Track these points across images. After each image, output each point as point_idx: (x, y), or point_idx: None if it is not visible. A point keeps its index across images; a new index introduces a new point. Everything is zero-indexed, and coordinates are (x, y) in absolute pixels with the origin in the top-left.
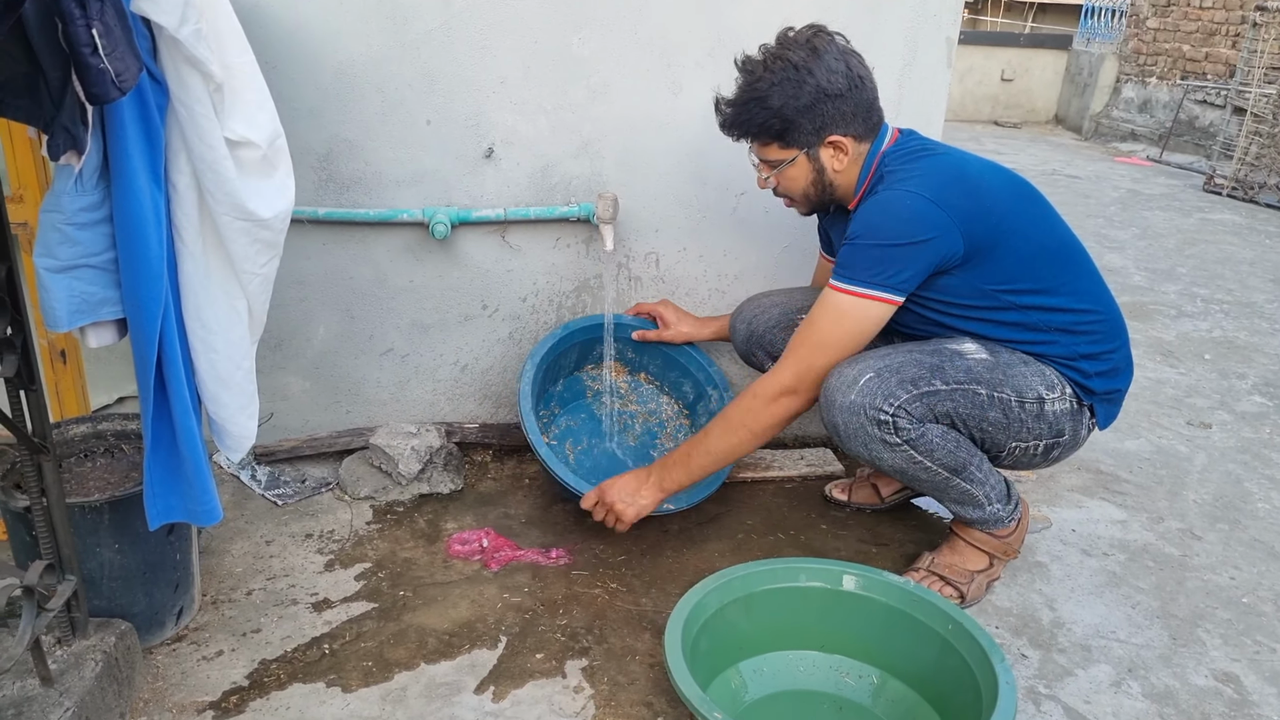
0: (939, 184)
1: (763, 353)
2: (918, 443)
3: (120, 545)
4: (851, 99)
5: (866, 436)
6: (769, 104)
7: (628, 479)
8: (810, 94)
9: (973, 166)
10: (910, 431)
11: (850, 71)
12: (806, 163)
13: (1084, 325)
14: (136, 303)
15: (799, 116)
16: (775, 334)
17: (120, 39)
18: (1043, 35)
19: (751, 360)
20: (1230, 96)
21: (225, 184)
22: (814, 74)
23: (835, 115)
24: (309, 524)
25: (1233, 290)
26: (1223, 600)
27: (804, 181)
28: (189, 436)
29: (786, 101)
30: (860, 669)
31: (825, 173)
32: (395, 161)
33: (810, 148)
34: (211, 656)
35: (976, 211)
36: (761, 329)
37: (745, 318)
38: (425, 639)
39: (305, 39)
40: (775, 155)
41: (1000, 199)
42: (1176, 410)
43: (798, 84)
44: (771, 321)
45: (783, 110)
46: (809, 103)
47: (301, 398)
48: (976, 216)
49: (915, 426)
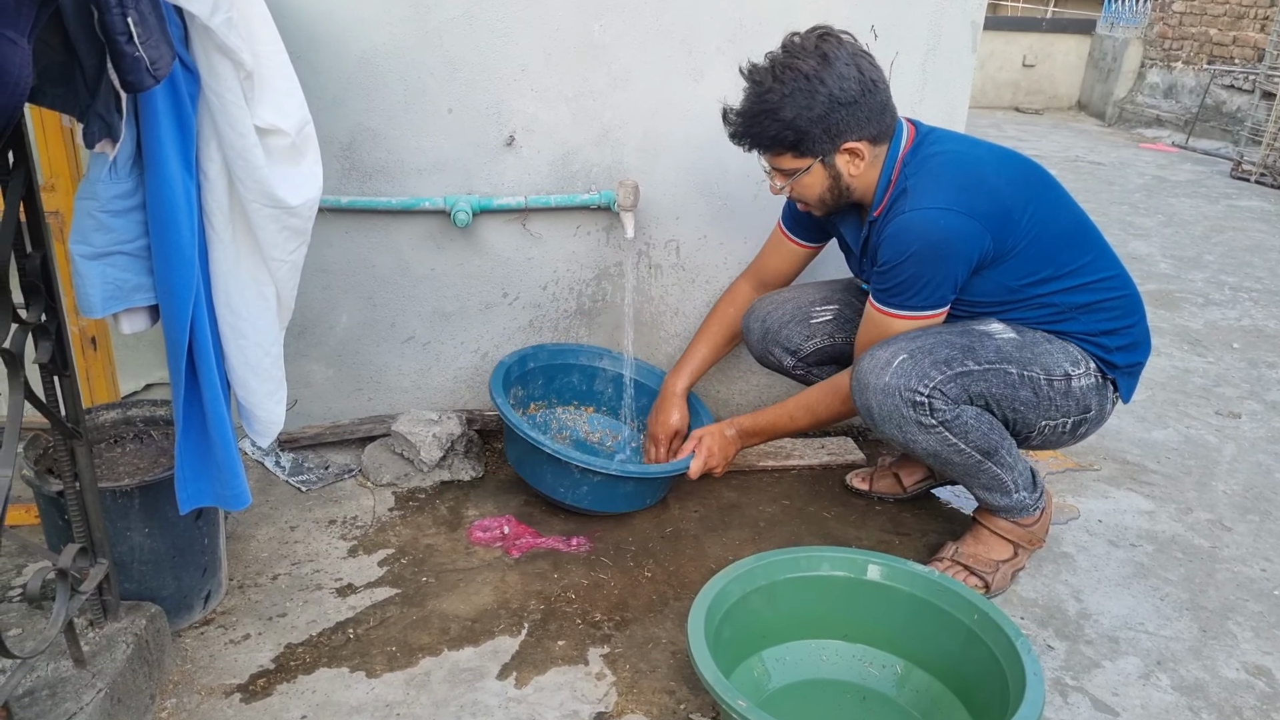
0: (964, 194)
1: (779, 349)
2: (953, 424)
3: (150, 529)
4: (865, 104)
5: (901, 419)
6: (781, 116)
7: (719, 438)
8: (823, 103)
9: (988, 166)
10: (945, 413)
11: (862, 76)
12: (822, 170)
13: (1104, 303)
14: (169, 289)
15: (813, 127)
16: (791, 329)
17: (154, 27)
18: (1065, 20)
19: (768, 359)
20: (1259, 81)
21: (255, 171)
22: (826, 83)
23: (850, 122)
24: (332, 510)
25: (1261, 278)
26: (1253, 592)
27: (820, 188)
28: (219, 422)
29: (800, 113)
30: (884, 659)
31: (842, 178)
32: (417, 150)
33: (825, 155)
34: (239, 640)
35: (1000, 213)
36: (776, 325)
37: (759, 316)
38: (448, 625)
39: (328, 28)
40: (790, 165)
41: (1018, 195)
42: (1205, 400)
43: (810, 94)
44: (786, 317)
45: (795, 121)
46: (822, 112)
47: (324, 385)
48: (1001, 219)
49: (950, 408)
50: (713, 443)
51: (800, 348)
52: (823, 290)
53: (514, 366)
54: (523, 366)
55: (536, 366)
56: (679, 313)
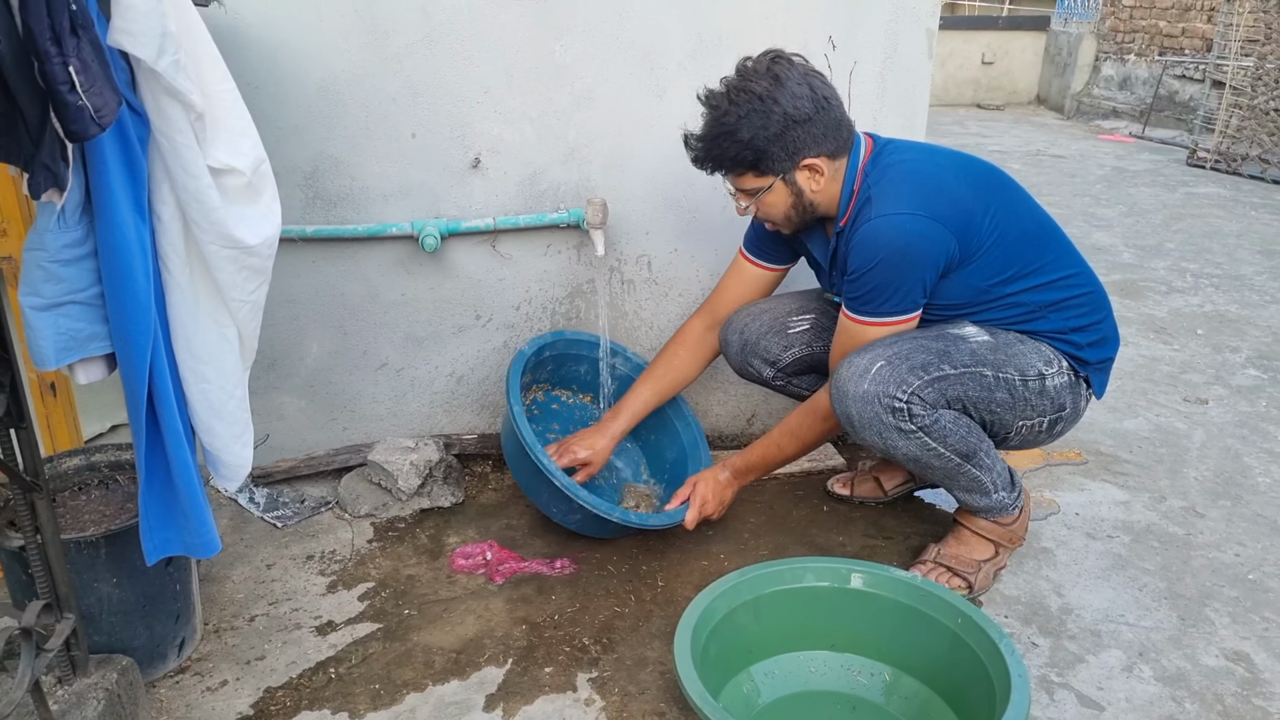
0: (927, 199)
1: (758, 360)
2: (931, 429)
3: (118, 579)
4: (819, 121)
5: (881, 425)
6: (739, 136)
7: (712, 484)
8: (779, 122)
9: (948, 172)
10: (924, 418)
11: (815, 94)
12: (784, 187)
13: (1070, 301)
14: (125, 337)
15: (770, 145)
16: (769, 339)
17: (98, 74)
18: (1021, 17)
19: (748, 371)
20: (1209, 70)
21: (210, 213)
22: (779, 102)
23: (806, 138)
24: (310, 545)
25: (1221, 264)
26: (1229, 578)
27: (784, 206)
28: (183, 469)
29: (756, 132)
30: (872, 667)
31: (804, 194)
32: (382, 176)
33: (786, 173)
34: (216, 687)
35: (962, 215)
36: (754, 336)
37: (736, 328)
38: (432, 658)
39: (286, 57)
40: (752, 184)
41: (979, 198)
42: (1173, 387)
43: (765, 114)
44: (764, 328)
45: (753, 141)
46: (778, 131)
47: (297, 417)
48: (964, 221)
49: (929, 413)
50: (706, 490)
51: (779, 358)
52: (798, 300)
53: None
54: (538, 356)
55: (551, 355)
56: (653, 327)
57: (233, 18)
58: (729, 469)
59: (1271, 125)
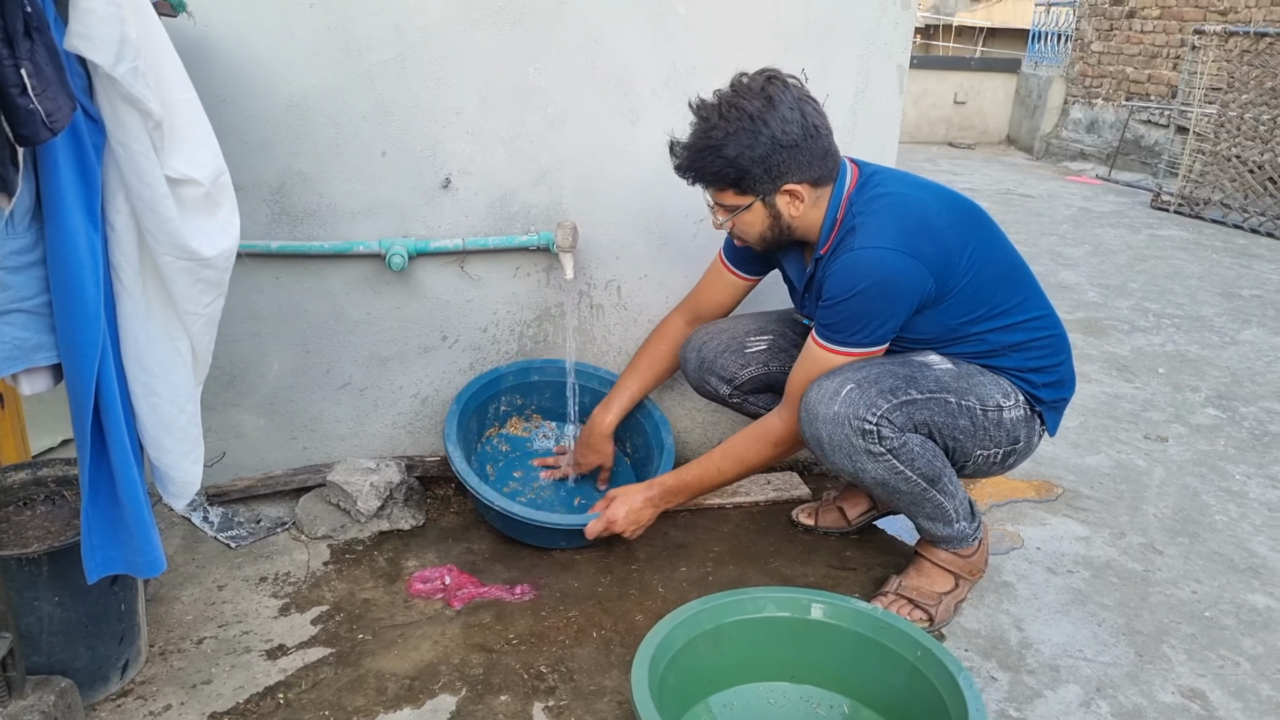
0: (910, 236)
1: (715, 378)
2: (900, 452)
3: (60, 598)
4: (806, 149)
5: (851, 447)
6: (724, 153)
7: (629, 503)
8: (765, 145)
9: (932, 208)
10: (893, 440)
11: (805, 121)
12: (763, 209)
13: (1033, 343)
14: (72, 347)
15: (754, 166)
16: (727, 358)
17: (51, 78)
18: (993, 59)
19: (705, 388)
20: (1173, 116)
21: (166, 223)
22: (769, 124)
23: (791, 165)
24: (264, 566)
25: (1183, 304)
26: (1186, 615)
27: (760, 226)
28: (129, 485)
29: (742, 151)
30: (831, 699)
31: (782, 218)
32: (350, 193)
33: (766, 195)
34: (159, 712)
35: (943, 255)
36: (712, 354)
37: (694, 346)
38: (385, 684)
39: (256, 71)
40: (731, 201)
41: (959, 236)
42: (1134, 424)
43: (753, 134)
44: (722, 346)
45: (738, 160)
46: (764, 153)
47: (256, 435)
48: (944, 260)
49: (897, 435)
50: (620, 508)
51: (735, 376)
52: (758, 320)
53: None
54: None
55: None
56: (621, 352)
57: (202, 29)
58: (658, 488)
59: (1233, 171)
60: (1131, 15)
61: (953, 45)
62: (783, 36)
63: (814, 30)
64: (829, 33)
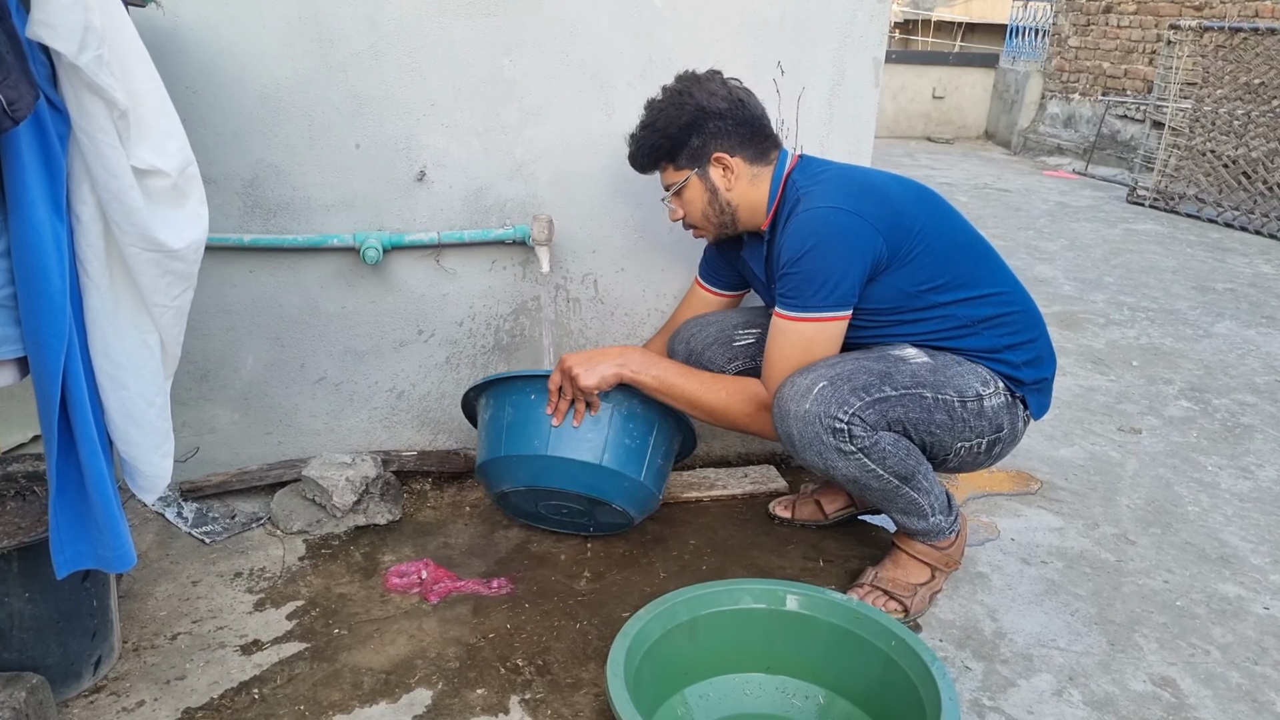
0: (853, 195)
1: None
2: (871, 450)
3: (31, 594)
4: (731, 116)
5: (822, 445)
6: (656, 127)
7: (591, 350)
8: (690, 112)
9: (876, 178)
10: (864, 439)
11: (731, 94)
12: (699, 183)
13: (1003, 318)
14: (38, 340)
15: (681, 134)
16: (714, 350)
17: (13, 66)
18: (971, 54)
19: None
20: (1149, 111)
21: (132, 214)
22: (694, 95)
23: (716, 131)
24: (238, 562)
25: (1157, 298)
26: (1158, 604)
27: (700, 203)
28: (98, 478)
29: (671, 121)
30: (806, 689)
31: (719, 193)
32: (324, 186)
33: (699, 166)
34: (132, 708)
35: (890, 216)
36: (700, 346)
37: (683, 338)
38: (361, 679)
39: (227, 62)
40: (670, 178)
41: (909, 204)
42: (1108, 416)
43: (679, 106)
44: (709, 339)
45: (667, 129)
46: (690, 120)
47: (230, 430)
48: (891, 220)
49: (869, 434)
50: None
51: (723, 369)
52: (746, 315)
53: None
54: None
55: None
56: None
57: (171, 20)
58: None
59: (1208, 166)
60: (1108, 10)
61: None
62: (758, 29)
63: (789, 23)
64: (804, 25)
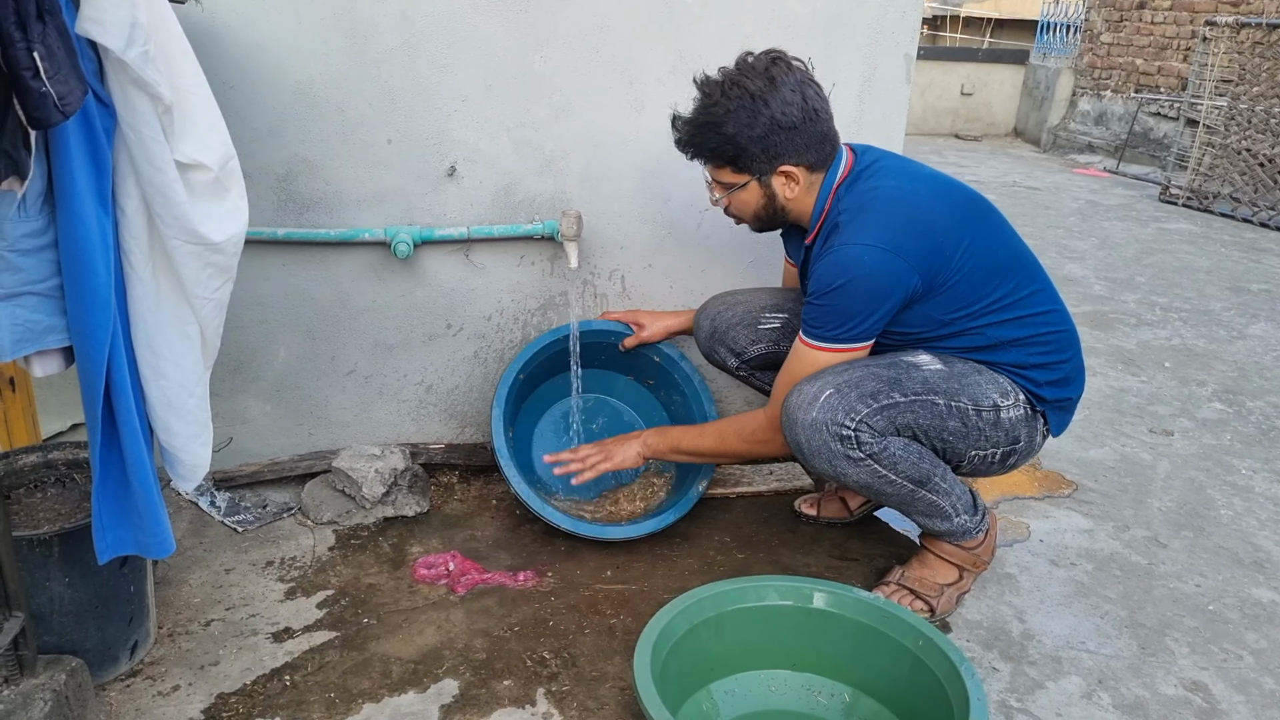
0: (894, 231)
1: (724, 349)
2: (880, 456)
3: (70, 579)
4: (805, 131)
5: (830, 453)
6: (723, 130)
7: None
8: (764, 124)
9: (923, 200)
10: (873, 445)
11: (806, 104)
12: (758, 189)
13: (1036, 338)
14: (83, 330)
15: (752, 145)
16: (738, 331)
17: (63, 62)
18: (1000, 50)
19: (714, 358)
20: (1183, 109)
21: (175, 208)
22: (769, 105)
23: (788, 146)
24: (270, 551)
25: (1190, 298)
26: (1189, 608)
27: (755, 206)
28: (139, 466)
29: (740, 130)
30: (832, 687)
31: (777, 199)
32: (356, 181)
33: (762, 175)
34: (168, 692)
35: (930, 250)
36: (724, 325)
37: (709, 314)
38: (389, 668)
39: (263, 58)
40: (728, 179)
41: (952, 229)
42: (1139, 418)
43: (752, 113)
44: (735, 319)
45: (736, 138)
46: (762, 133)
47: (262, 421)
48: (931, 255)
49: (877, 440)
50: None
51: (745, 350)
52: (775, 297)
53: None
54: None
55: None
56: None
57: (210, 16)
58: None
59: (1243, 165)
60: (1142, 6)
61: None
62: (789, 26)
63: (820, 19)
64: (835, 22)
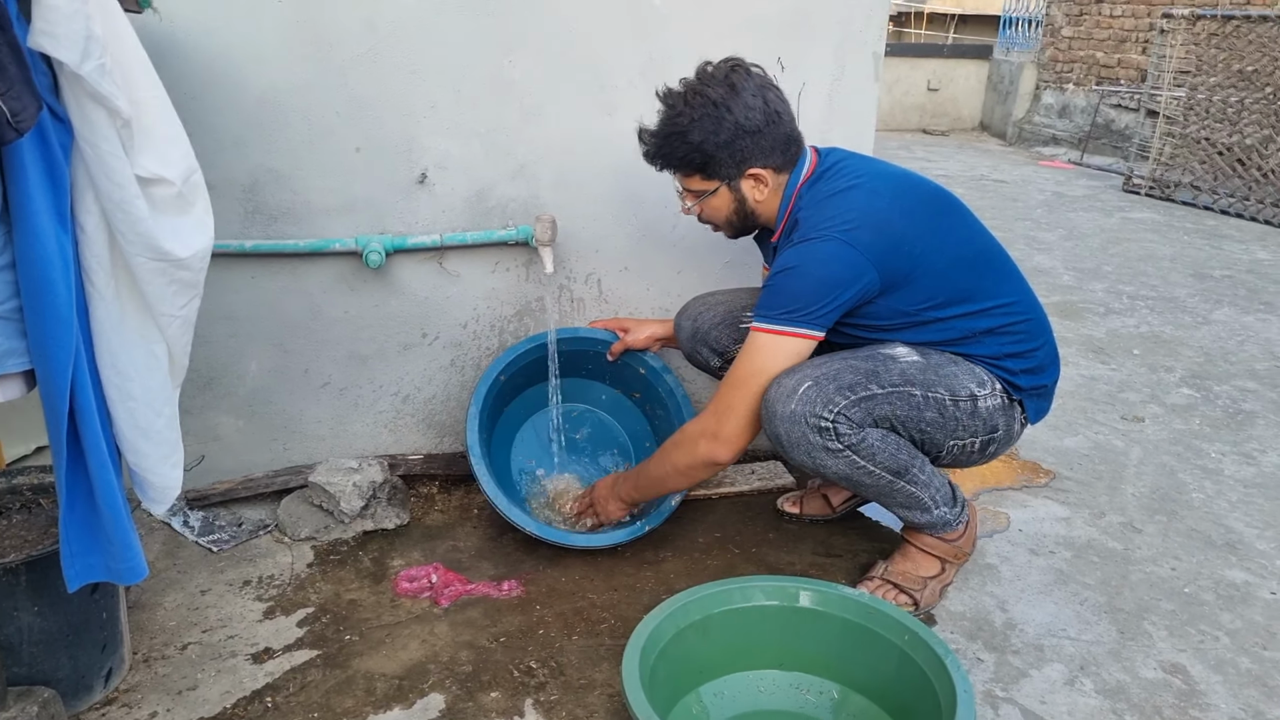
0: (849, 227)
1: (706, 349)
2: (859, 447)
3: (40, 607)
4: (769, 134)
5: (809, 445)
6: (689, 139)
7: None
8: (729, 130)
9: (884, 199)
10: (850, 437)
11: (768, 107)
12: (728, 193)
13: (1007, 328)
14: (44, 353)
15: (719, 151)
16: (720, 331)
17: (16, 77)
18: (965, 46)
19: (696, 358)
20: (1143, 100)
21: (137, 224)
22: (732, 110)
23: (754, 149)
24: (247, 570)
25: (1156, 286)
26: (1165, 591)
27: (726, 211)
28: (107, 491)
29: (706, 137)
30: (820, 685)
31: (746, 202)
32: (325, 190)
33: (731, 180)
34: (144, 719)
35: (888, 245)
36: (706, 325)
37: (691, 315)
38: (374, 685)
39: (226, 67)
40: (698, 186)
41: (912, 225)
42: (1111, 406)
43: (717, 120)
44: (716, 319)
45: (703, 145)
46: (728, 138)
47: (235, 437)
48: (889, 250)
49: (855, 432)
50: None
51: (727, 349)
52: (755, 297)
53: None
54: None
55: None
56: None
57: (168, 26)
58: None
59: (1202, 154)
60: (1100, 0)
61: (924, 32)
62: (758, 27)
63: (789, 20)
64: (804, 22)
